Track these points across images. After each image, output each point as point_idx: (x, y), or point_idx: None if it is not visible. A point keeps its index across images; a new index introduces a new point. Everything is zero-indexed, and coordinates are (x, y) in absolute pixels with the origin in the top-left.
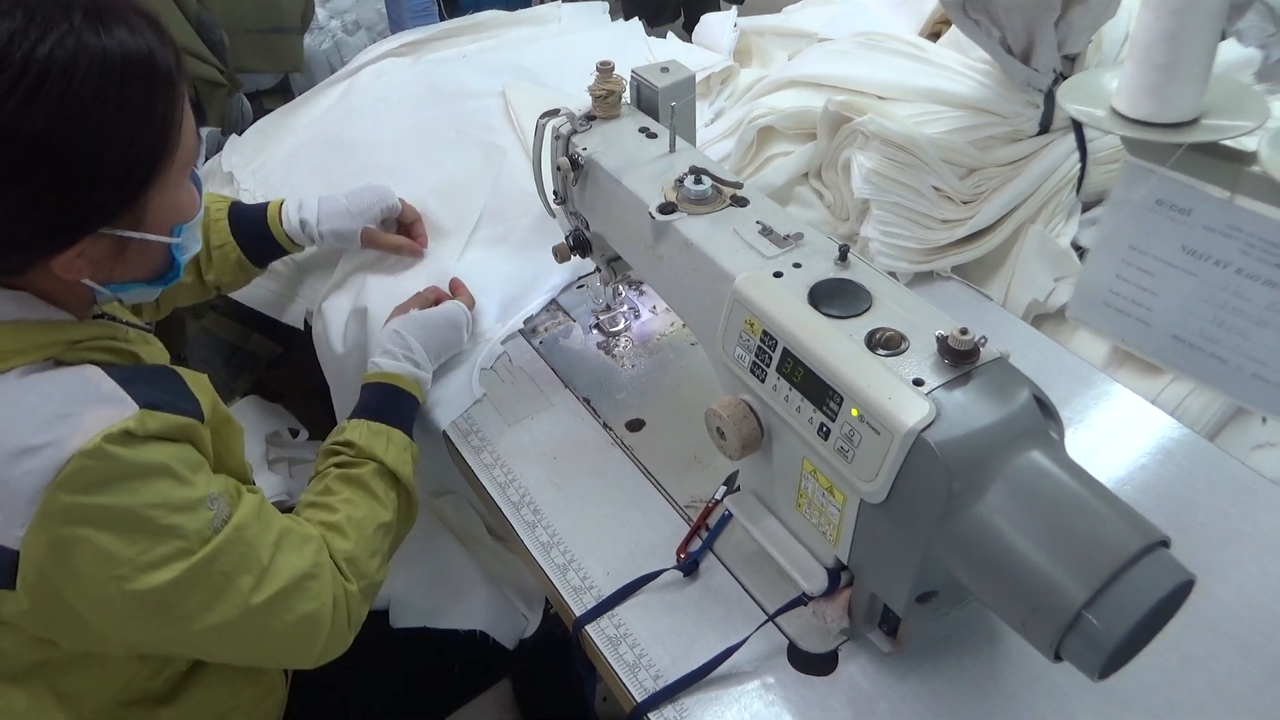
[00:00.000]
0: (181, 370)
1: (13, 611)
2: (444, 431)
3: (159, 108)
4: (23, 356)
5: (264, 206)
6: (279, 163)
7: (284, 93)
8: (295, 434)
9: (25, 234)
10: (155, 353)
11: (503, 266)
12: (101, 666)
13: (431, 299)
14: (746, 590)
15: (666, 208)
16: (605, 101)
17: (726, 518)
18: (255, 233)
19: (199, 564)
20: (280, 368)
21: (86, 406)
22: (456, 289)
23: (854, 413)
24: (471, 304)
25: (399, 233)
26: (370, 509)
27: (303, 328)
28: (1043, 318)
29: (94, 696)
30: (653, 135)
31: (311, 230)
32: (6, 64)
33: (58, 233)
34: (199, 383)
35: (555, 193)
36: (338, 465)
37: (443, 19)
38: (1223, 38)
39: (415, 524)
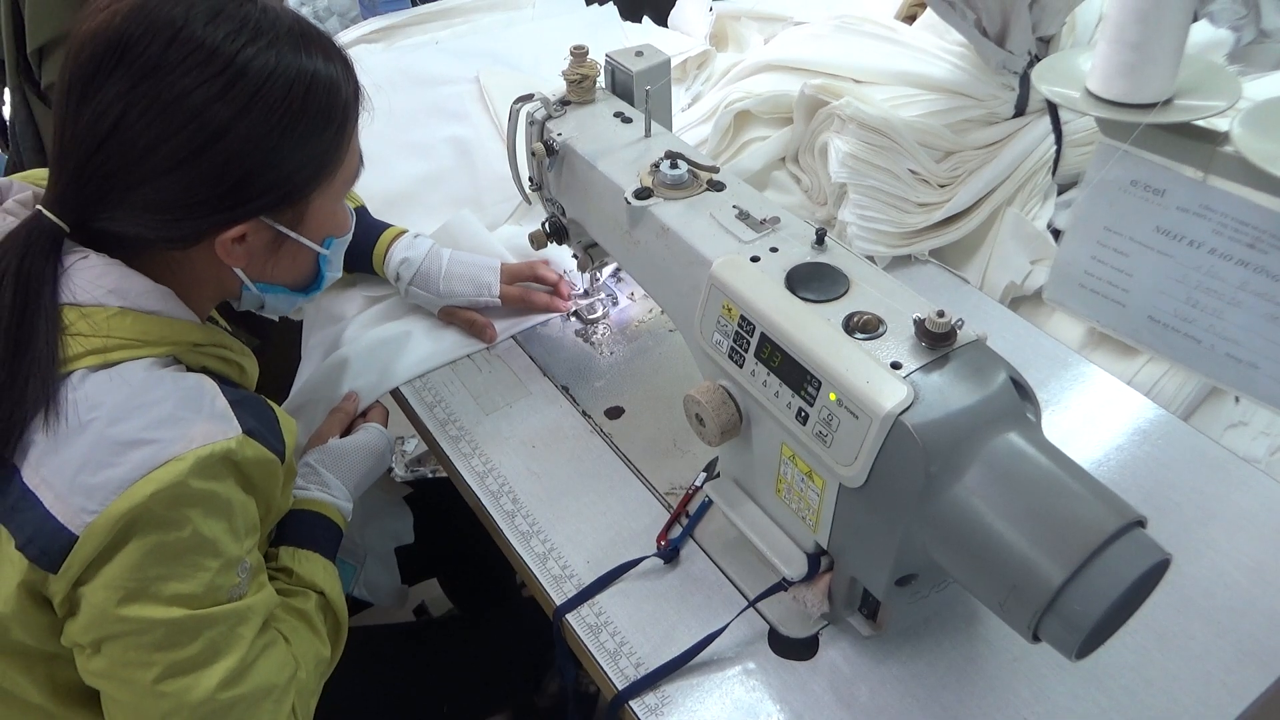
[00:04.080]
0: (275, 408)
1: (53, 592)
2: (420, 418)
3: (331, 127)
4: (153, 348)
5: (380, 230)
6: None
7: None
8: None
9: (197, 206)
10: (252, 367)
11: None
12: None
13: (347, 418)
14: (727, 576)
15: (642, 193)
16: (580, 86)
17: (706, 504)
18: (359, 251)
19: (196, 620)
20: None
21: (198, 417)
22: (370, 408)
23: (832, 397)
24: (385, 419)
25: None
26: (312, 644)
27: (277, 319)
28: (1019, 300)
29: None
30: (628, 120)
31: (401, 285)
32: (217, 56)
33: (225, 208)
34: (288, 425)
35: (530, 179)
36: (277, 591)
37: (415, 4)
38: (1194, 19)
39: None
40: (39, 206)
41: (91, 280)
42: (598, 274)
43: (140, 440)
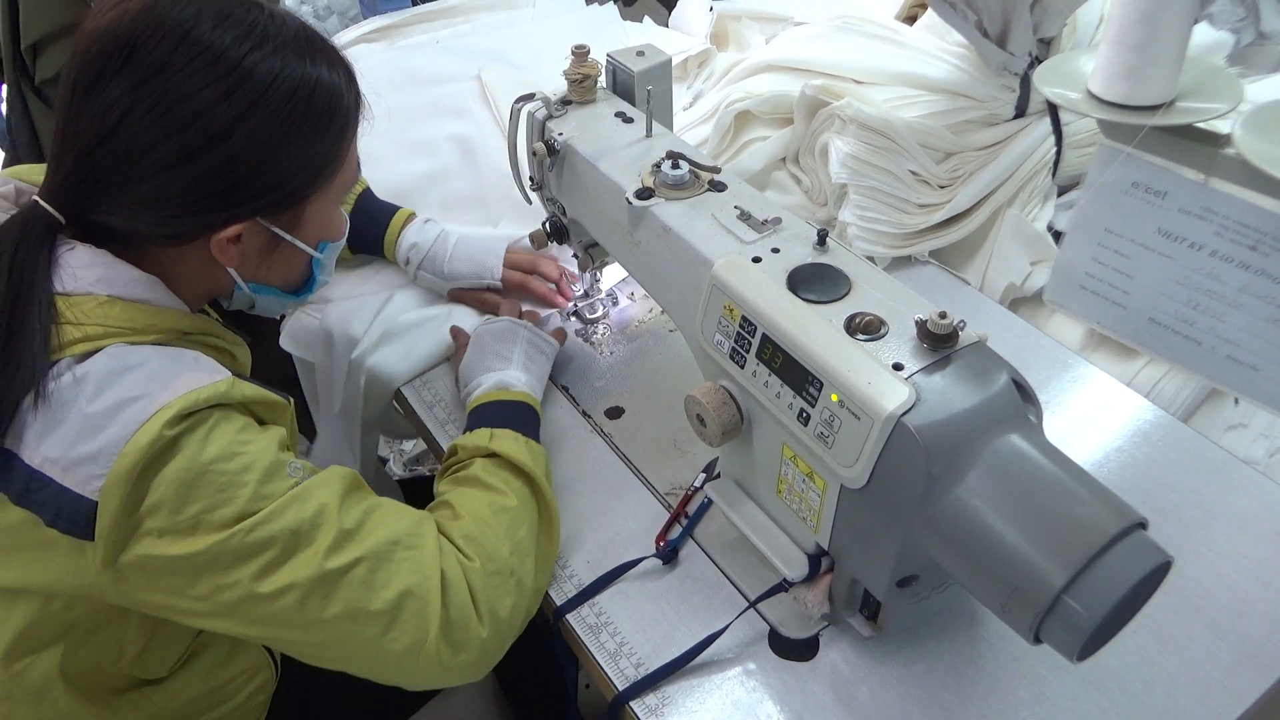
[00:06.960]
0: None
1: (95, 562)
2: (419, 416)
3: (330, 134)
4: (140, 335)
5: (390, 213)
6: None
7: None
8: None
9: (194, 204)
10: (244, 356)
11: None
12: (116, 643)
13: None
14: (727, 577)
15: (644, 193)
16: (581, 86)
17: (706, 505)
18: (370, 233)
19: (256, 523)
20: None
21: (183, 370)
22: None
23: (834, 398)
24: (564, 338)
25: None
26: (485, 495)
27: (277, 317)
28: (1019, 301)
29: (95, 675)
30: (629, 120)
31: (411, 269)
32: (223, 59)
33: (222, 207)
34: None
35: (531, 178)
36: (445, 477)
37: (415, 3)
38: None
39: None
40: (35, 198)
41: (78, 269)
42: (598, 274)
43: (127, 399)
